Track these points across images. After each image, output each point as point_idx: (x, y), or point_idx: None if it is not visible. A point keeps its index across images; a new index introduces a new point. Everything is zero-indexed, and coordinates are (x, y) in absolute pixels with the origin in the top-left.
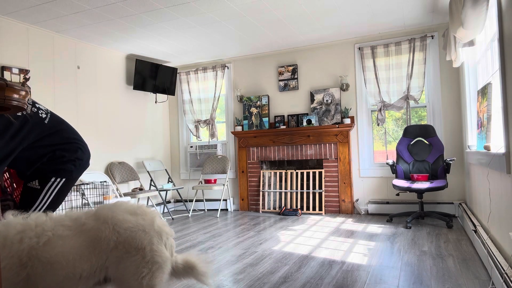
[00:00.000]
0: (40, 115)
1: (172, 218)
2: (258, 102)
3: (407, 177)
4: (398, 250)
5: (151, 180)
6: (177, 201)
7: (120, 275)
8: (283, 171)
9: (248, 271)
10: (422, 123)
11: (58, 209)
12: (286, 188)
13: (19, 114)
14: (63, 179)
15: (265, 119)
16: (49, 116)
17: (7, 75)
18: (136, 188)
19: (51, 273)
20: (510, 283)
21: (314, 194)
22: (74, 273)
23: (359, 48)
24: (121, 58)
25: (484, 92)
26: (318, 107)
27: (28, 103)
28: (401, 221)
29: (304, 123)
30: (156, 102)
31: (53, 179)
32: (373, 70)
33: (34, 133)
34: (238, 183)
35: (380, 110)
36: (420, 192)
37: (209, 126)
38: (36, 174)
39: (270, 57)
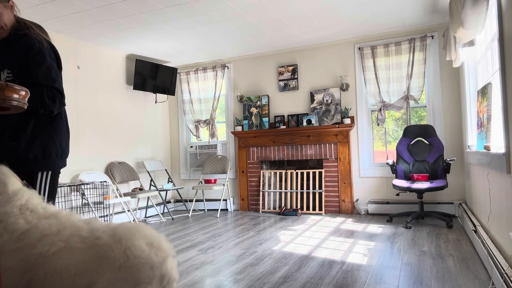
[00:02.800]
0: None
1: (172, 218)
2: (258, 102)
3: (407, 177)
4: (398, 250)
5: (151, 180)
6: (177, 201)
7: None
8: (283, 171)
9: (248, 271)
10: (422, 123)
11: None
12: (286, 188)
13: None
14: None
15: (265, 119)
16: None
17: None
18: (136, 188)
19: (50, 283)
20: (510, 283)
21: (314, 194)
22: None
23: (359, 48)
24: (121, 58)
25: (484, 92)
26: (318, 107)
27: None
28: (401, 221)
29: (304, 123)
30: (156, 102)
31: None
32: (373, 70)
33: None
34: (238, 183)
35: (380, 110)
36: (420, 192)
37: (209, 126)
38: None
39: (270, 57)
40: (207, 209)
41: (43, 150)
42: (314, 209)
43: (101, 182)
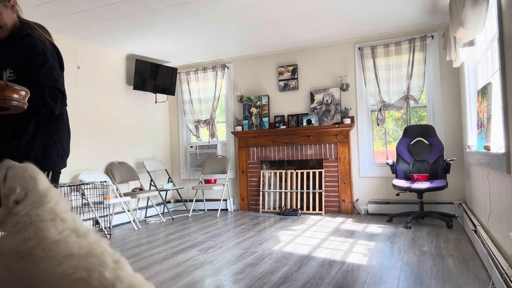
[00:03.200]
0: None
1: (172, 218)
2: (258, 102)
3: (407, 177)
4: (398, 250)
5: (151, 180)
6: (177, 201)
7: None
8: (283, 171)
9: (248, 271)
10: (422, 123)
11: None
12: (286, 188)
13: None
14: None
15: (265, 119)
16: None
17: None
18: (136, 188)
19: None
20: (510, 283)
21: (314, 194)
22: None
23: (359, 48)
24: (121, 58)
25: (484, 92)
26: (318, 107)
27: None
28: (401, 221)
29: (304, 123)
30: (156, 102)
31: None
32: (373, 70)
33: None
34: (238, 183)
35: (380, 110)
36: (420, 192)
37: (209, 126)
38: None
39: (270, 57)
40: (207, 209)
41: (43, 150)
42: (314, 209)
43: (101, 182)
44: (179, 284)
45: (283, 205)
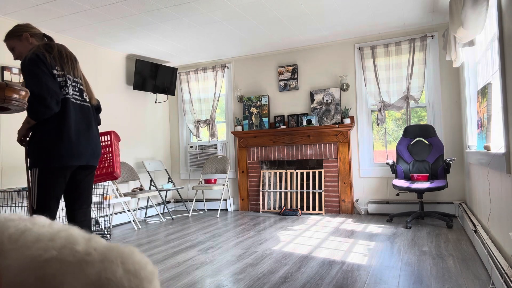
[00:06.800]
0: None
1: (172, 218)
2: (258, 102)
3: (407, 177)
4: (398, 250)
5: (151, 180)
6: (177, 201)
7: None
8: (283, 171)
9: (248, 271)
10: (422, 123)
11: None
12: (286, 188)
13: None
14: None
15: (265, 119)
16: None
17: (7, 75)
18: (136, 188)
19: None
20: (510, 283)
21: (314, 194)
22: None
23: (359, 48)
24: (121, 58)
25: (484, 92)
26: (318, 107)
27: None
28: (401, 221)
29: (304, 123)
30: (156, 102)
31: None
32: (373, 70)
33: None
34: (238, 183)
35: (380, 110)
36: (420, 192)
37: (209, 126)
38: None
39: (270, 57)
40: (207, 209)
41: (32, 150)
42: (314, 209)
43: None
44: (179, 284)
45: (283, 205)
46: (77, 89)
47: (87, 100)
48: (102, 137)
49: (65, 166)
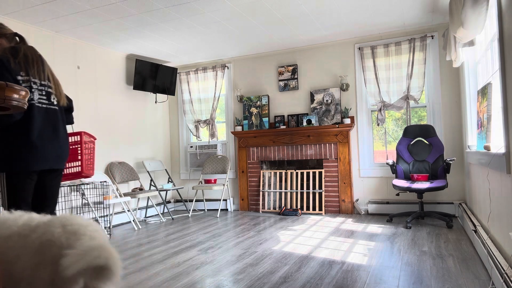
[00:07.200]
0: None
1: (172, 218)
2: (258, 102)
3: (407, 177)
4: (398, 250)
5: (151, 180)
6: (177, 201)
7: None
8: (283, 171)
9: (248, 271)
10: (422, 123)
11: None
12: (286, 188)
13: None
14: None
15: (265, 119)
16: None
17: None
18: (136, 188)
19: (4, 261)
20: (510, 283)
21: (314, 194)
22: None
23: (359, 48)
24: (121, 58)
25: (484, 92)
26: (318, 107)
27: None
28: (401, 221)
29: (304, 123)
30: (156, 102)
31: None
32: (373, 70)
33: None
34: (238, 183)
35: (380, 110)
36: (420, 192)
37: (209, 126)
38: None
39: (270, 57)
40: (207, 209)
41: None
42: (314, 209)
43: (101, 182)
44: (179, 284)
45: (283, 205)
46: (44, 93)
47: (55, 103)
48: (72, 138)
49: (30, 171)
